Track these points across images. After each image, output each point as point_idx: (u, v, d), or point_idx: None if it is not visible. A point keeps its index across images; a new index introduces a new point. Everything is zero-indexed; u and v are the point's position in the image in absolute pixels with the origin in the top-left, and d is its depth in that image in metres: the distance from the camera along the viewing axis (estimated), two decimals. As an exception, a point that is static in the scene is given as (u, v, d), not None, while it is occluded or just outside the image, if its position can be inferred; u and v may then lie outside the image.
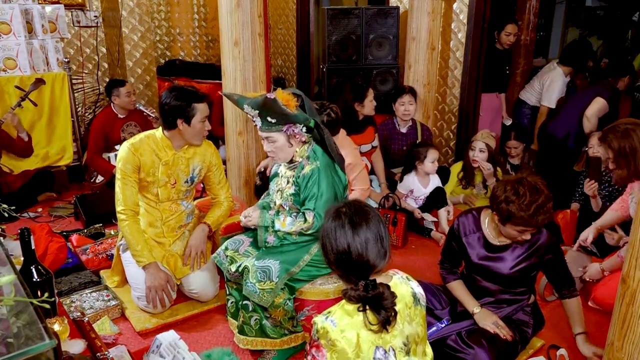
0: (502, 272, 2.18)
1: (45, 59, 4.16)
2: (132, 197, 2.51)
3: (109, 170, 4.10)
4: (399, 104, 3.95)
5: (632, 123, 2.60)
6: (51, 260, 2.84)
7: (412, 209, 3.65)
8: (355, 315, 1.46)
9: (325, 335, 1.45)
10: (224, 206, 2.77)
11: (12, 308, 1.12)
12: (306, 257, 2.31)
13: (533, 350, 2.35)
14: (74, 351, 1.62)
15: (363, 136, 3.80)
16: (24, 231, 1.56)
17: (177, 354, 1.96)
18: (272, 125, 2.24)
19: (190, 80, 5.25)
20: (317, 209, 2.25)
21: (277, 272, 2.21)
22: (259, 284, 2.19)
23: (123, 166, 2.48)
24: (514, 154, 4.01)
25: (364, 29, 4.42)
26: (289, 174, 2.38)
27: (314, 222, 2.25)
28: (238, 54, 3.20)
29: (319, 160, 2.30)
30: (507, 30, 4.50)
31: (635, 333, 1.61)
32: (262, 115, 2.24)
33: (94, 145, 4.22)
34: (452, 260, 2.35)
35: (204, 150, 2.66)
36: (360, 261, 1.47)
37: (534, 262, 2.16)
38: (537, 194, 1.98)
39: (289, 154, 2.33)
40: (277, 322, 2.25)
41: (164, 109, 2.47)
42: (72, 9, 4.82)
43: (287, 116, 2.22)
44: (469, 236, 2.25)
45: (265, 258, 2.27)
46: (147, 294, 2.49)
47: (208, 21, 5.80)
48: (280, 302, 2.21)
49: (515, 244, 2.16)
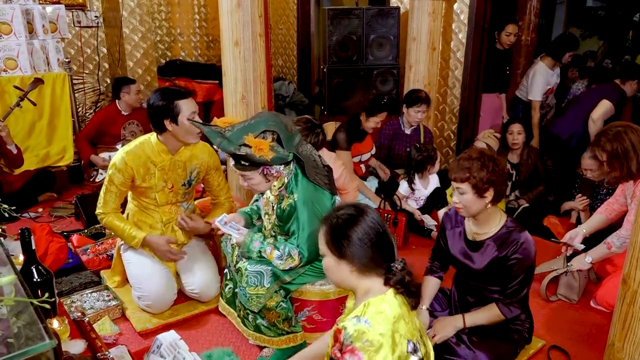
0: (476, 268, 2.16)
1: (45, 59, 4.16)
2: (112, 204, 2.54)
3: (86, 157, 4.28)
4: (414, 110, 3.87)
5: (623, 125, 2.62)
6: (52, 260, 2.84)
7: (413, 210, 3.65)
8: (385, 311, 1.45)
9: (360, 338, 1.40)
10: (225, 207, 2.78)
11: (12, 308, 1.12)
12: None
13: (533, 350, 2.35)
14: (74, 351, 1.62)
15: (364, 144, 3.80)
16: (25, 231, 1.56)
17: (178, 354, 1.96)
18: (246, 167, 2.14)
19: (191, 80, 5.25)
20: (300, 245, 2.20)
21: (269, 278, 2.20)
22: (249, 289, 2.19)
23: (113, 174, 2.48)
24: (516, 141, 3.82)
25: (365, 30, 4.42)
26: (272, 198, 2.31)
27: (299, 259, 2.21)
28: (239, 54, 3.20)
29: (297, 192, 2.20)
30: (508, 31, 4.50)
31: (635, 334, 1.61)
32: (233, 157, 2.14)
33: (86, 132, 4.36)
34: (439, 258, 2.36)
35: (201, 152, 2.64)
36: (390, 239, 1.52)
37: (501, 256, 2.08)
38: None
39: (267, 186, 2.25)
40: (272, 323, 2.26)
41: (150, 112, 2.44)
42: (73, 9, 4.81)
43: (261, 162, 2.10)
44: (453, 230, 2.27)
45: (259, 263, 2.25)
46: (165, 259, 2.55)
47: (209, 21, 5.80)
48: (273, 305, 2.21)
49: (488, 241, 2.12)
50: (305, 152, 2.27)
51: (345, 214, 1.52)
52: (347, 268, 1.51)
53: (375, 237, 1.50)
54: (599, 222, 2.86)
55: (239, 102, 3.31)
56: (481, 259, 2.14)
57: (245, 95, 3.30)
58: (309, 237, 2.18)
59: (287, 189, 2.23)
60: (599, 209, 2.92)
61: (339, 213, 1.53)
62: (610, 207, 2.84)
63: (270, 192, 2.31)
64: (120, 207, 2.61)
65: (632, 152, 2.54)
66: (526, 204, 3.79)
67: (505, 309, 2.11)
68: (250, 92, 3.30)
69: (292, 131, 2.23)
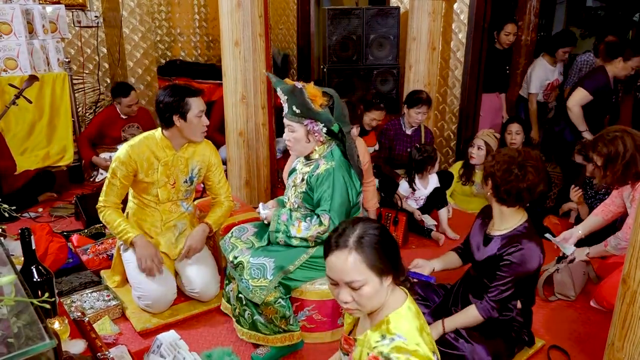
0: (477, 259, 2.20)
1: (46, 59, 4.16)
2: (114, 197, 2.55)
3: (88, 158, 4.30)
4: (414, 112, 3.89)
5: (620, 130, 2.62)
6: (52, 260, 2.84)
7: (413, 210, 3.65)
8: (409, 326, 1.39)
9: (403, 351, 1.34)
10: (225, 206, 2.77)
11: (12, 308, 1.12)
12: (303, 256, 2.32)
13: (533, 350, 2.35)
14: (74, 351, 1.62)
15: (366, 139, 3.79)
16: (25, 231, 1.56)
17: (178, 354, 1.96)
18: (294, 115, 2.29)
19: (191, 80, 5.25)
20: (332, 211, 2.26)
21: (271, 270, 2.24)
22: (252, 281, 2.23)
23: (116, 167, 2.50)
24: (514, 140, 3.89)
25: (365, 29, 4.42)
26: (305, 170, 2.40)
27: (329, 225, 2.25)
28: (239, 54, 3.21)
29: (335, 161, 2.32)
30: (507, 30, 4.50)
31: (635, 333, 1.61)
32: (288, 102, 2.29)
33: (87, 132, 4.40)
34: (465, 244, 2.40)
35: (203, 149, 2.67)
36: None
37: (497, 254, 2.08)
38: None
39: (305, 148, 2.37)
40: (269, 320, 2.27)
41: (159, 107, 2.48)
42: (73, 9, 4.82)
43: (310, 111, 2.25)
44: (480, 220, 2.31)
45: (261, 255, 2.30)
46: (138, 265, 2.51)
47: (209, 21, 5.80)
48: (271, 300, 2.23)
49: (497, 237, 2.14)
50: (349, 143, 2.37)
51: (366, 231, 1.39)
52: (386, 284, 1.41)
53: (391, 237, 1.45)
54: (595, 223, 2.89)
55: (239, 102, 3.31)
56: (484, 252, 2.17)
57: (245, 95, 3.30)
58: (339, 206, 2.26)
59: (325, 158, 2.35)
60: (595, 210, 2.94)
61: (357, 233, 1.39)
62: (607, 209, 2.86)
63: (303, 164, 2.43)
64: (122, 204, 2.61)
65: (626, 157, 2.54)
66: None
67: (482, 306, 2.09)
68: (250, 92, 3.30)
69: (346, 116, 2.38)
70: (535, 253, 2.04)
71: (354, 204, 2.38)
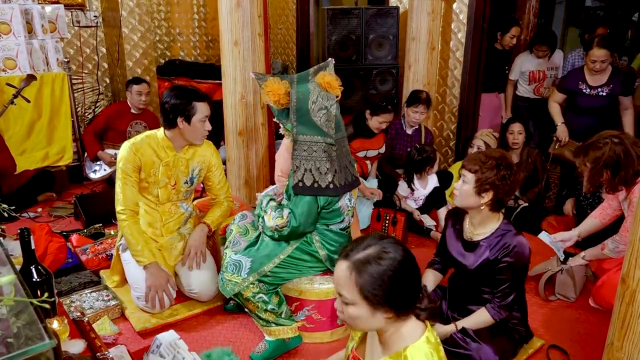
0: (468, 267, 2.19)
1: (45, 59, 4.16)
2: (132, 197, 2.51)
3: (94, 151, 4.31)
4: (412, 110, 3.88)
5: (611, 136, 2.61)
6: (51, 260, 2.84)
7: (412, 210, 3.65)
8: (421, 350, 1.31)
9: None
10: (224, 206, 2.77)
11: (12, 308, 1.12)
12: (281, 256, 2.33)
13: (533, 350, 2.35)
14: (73, 351, 1.61)
15: (371, 141, 3.79)
16: (24, 231, 1.56)
17: (177, 354, 1.96)
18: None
19: (190, 80, 5.25)
20: (294, 207, 2.25)
21: (247, 269, 2.28)
22: (227, 274, 2.30)
23: (124, 165, 2.49)
24: (517, 140, 3.83)
25: (364, 29, 4.42)
26: None
27: (288, 220, 2.25)
28: (238, 54, 3.20)
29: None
30: (512, 33, 4.52)
31: (635, 333, 1.61)
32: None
33: (93, 125, 4.43)
34: (441, 254, 2.40)
35: (204, 150, 2.67)
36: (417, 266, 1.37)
37: (492, 259, 2.10)
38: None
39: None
40: (254, 312, 2.32)
41: (165, 108, 2.48)
42: (72, 9, 4.81)
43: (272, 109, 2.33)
44: (453, 228, 2.30)
45: (241, 253, 2.35)
46: (146, 293, 2.49)
47: (208, 21, 5.80)
48: (249, 295, 2.27)
49: (483, 242, 2.14)
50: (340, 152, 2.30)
51: (379, 257, 1.28)
52: (382, 316, 1.30)
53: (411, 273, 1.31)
54: (593, 226, 2.91)
55: (239, 102, 3.31)
56: (474, 259, 2.17)
57: (245, 95, 3.30)
58: (303, 204, 2.24)
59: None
60: (592, 213, 2.94)
61: (368, 254, 1.29)
62: (604, 212, 2.87)
63: None
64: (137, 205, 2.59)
65: (616, 163, 2.53)
66: (525, 203, 3.79)
67: (493, 311, 2.14)
68: (249, 92, 3.30)
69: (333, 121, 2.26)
70: (525, 244, 2.10)
71: (323, 207, 2.28)
